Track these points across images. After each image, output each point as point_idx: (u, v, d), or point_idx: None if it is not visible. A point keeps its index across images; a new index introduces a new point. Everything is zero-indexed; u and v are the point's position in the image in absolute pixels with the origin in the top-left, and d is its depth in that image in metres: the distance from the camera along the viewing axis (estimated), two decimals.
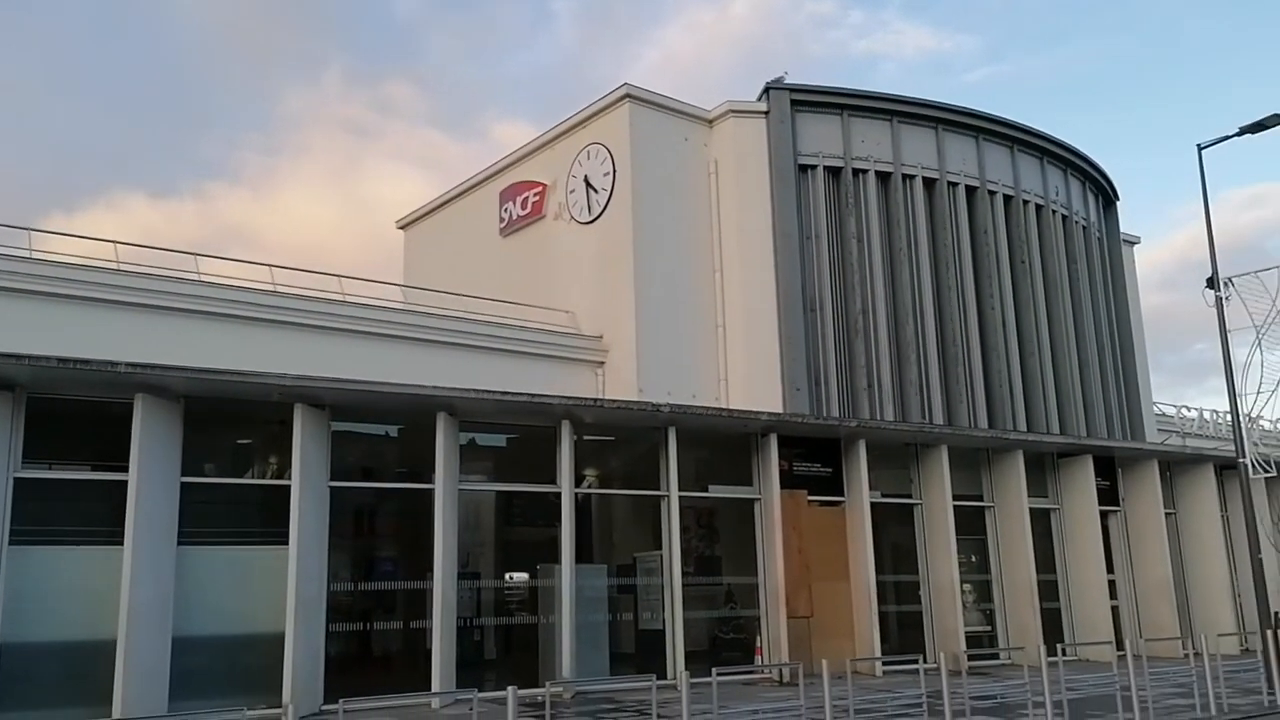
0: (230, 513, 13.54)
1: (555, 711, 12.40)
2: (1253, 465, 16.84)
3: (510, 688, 7.92)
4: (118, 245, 19.24)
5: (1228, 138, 16.87)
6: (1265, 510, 18.97)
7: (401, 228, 33.62)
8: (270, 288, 20.53)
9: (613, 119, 24.77)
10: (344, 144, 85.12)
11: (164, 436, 12.64)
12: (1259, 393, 16.86)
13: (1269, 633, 14.79)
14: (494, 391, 14.43)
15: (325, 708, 12.77)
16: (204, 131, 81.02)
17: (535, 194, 27.12)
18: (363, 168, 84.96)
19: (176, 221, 75.00)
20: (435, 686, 13.21)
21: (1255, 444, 17.50)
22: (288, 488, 12.97)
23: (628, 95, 24.36)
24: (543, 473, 15.44)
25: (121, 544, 11.86)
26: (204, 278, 19.81)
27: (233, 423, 14.02)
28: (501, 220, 28.26)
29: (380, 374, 14.57)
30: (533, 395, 14.86)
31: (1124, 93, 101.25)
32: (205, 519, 13.04)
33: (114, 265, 18.83)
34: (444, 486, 14.05)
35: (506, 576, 16.55)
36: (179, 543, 12.64)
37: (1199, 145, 17.14)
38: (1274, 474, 17.68)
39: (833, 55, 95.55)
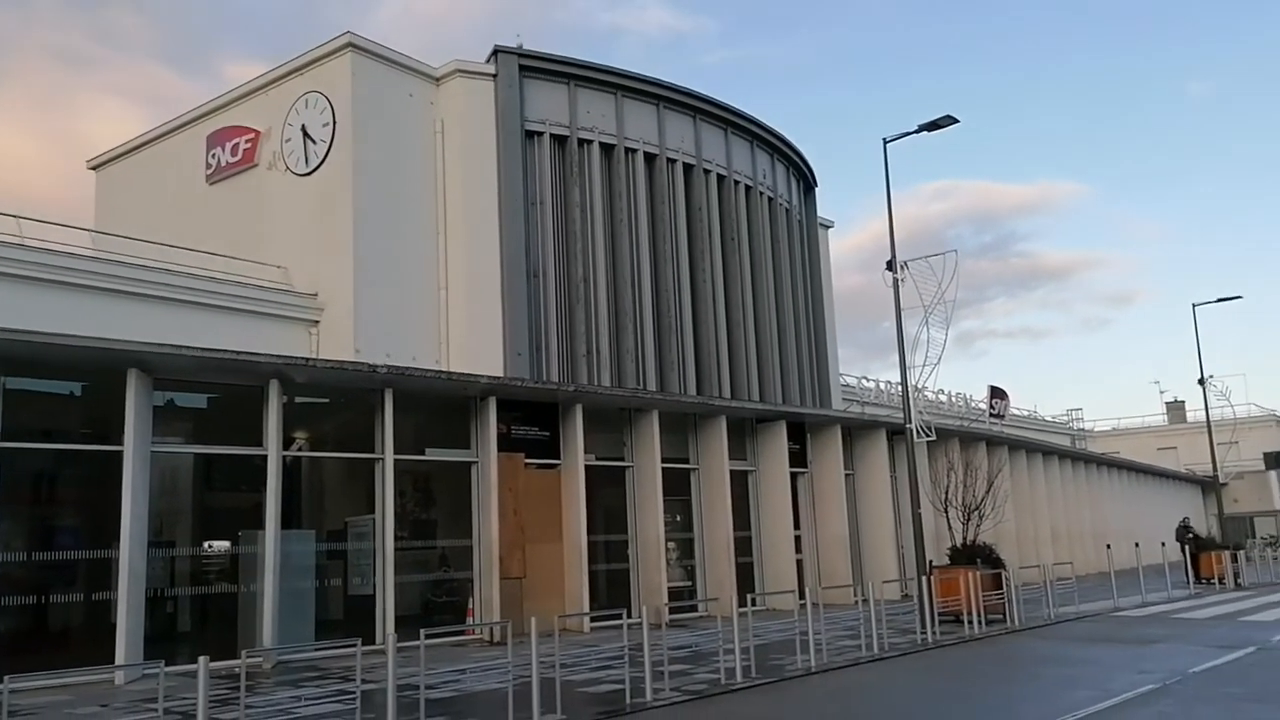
0: None
1: (253, 682, 12.01)
2: (917, 431, 18.95)
3: (201, 658, 7.59)
4: None
5: (909, 133, 18.69)
6: (926, 471, 21.31)
7: (94, 168, 30.55)
8: None
9: (334, 68, 23.75)
10: (54, 74, 75.66)
11: None
12: (924, 365, 18.98)
13: (924, 579, 16.78)
14: (193, 347, 13.57)
15: None
16: None
17: (247, 140, 25.54)
18: (75, 101, 76.03)
19: None
20: (120, 660, 12.37)
21: (920, 412, 19.67)
22: None
23: (350, 45, 23.42)
24: (248, 435, 14.75)
25: None
26: None
27: None
28: (208, 166, 26.41)
29: (64, 326, 13.27)
30: (237, 352, 14.13)
31: (841, 85, 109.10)
32: None
33: None
34: (134, 448, 13.10)
35: (205, 544, 15.69)
36: None
37: (884, 139, 18.94)
38: (934, 439, 19.93)
39: (578, 25, 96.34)
